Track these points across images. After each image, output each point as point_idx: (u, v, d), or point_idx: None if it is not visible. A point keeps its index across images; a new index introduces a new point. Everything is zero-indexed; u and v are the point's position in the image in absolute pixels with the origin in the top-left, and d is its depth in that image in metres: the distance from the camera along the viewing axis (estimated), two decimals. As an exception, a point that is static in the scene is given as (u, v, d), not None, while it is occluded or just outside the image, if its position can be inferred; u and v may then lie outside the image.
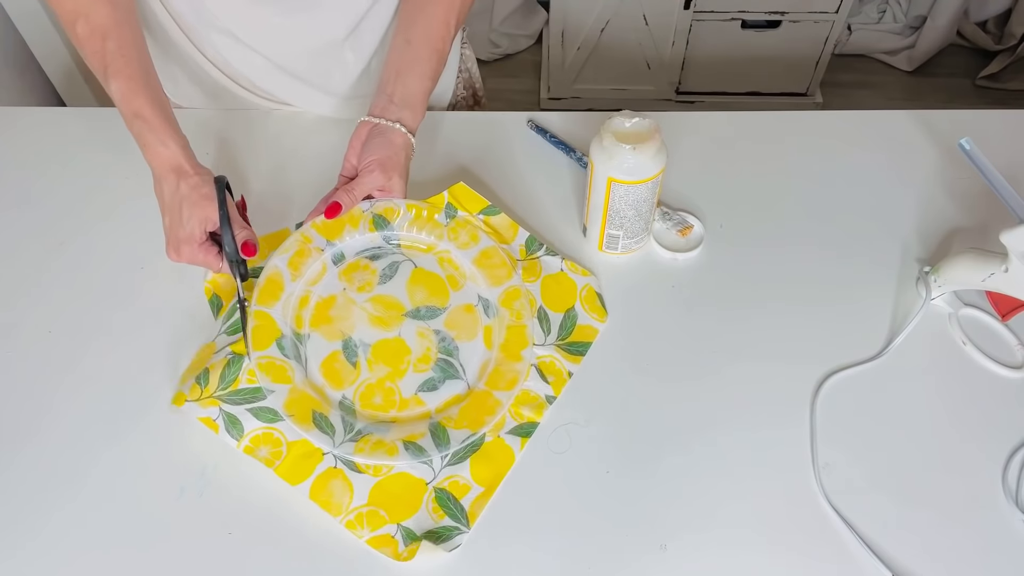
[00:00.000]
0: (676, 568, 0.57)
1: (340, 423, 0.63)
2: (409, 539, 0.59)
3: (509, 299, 0.69)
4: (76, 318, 0.71)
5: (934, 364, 0.68)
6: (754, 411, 0.65)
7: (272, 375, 0.64)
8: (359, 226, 0.73)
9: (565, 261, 0.73)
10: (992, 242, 0.65)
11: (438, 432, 0.62)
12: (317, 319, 0.69)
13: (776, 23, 1.91)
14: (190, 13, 0.79)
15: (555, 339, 0.69)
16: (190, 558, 0.57)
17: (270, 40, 0.80)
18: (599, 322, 0.70)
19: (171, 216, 0.66)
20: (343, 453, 0.61)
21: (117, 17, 0.68)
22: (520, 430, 0.64)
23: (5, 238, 0.77)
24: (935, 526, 0.59)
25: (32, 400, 0.66)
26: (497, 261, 0.71)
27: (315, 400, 0.64)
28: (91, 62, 0.68)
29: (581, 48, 1.98)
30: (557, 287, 0.72)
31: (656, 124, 0.68)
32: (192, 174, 0.66)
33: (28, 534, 0.58)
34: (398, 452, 0.61)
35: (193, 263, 0.68)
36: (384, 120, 0.73)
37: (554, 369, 0.67)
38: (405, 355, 0.67)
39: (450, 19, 0.76)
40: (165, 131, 0.66)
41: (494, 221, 0.76)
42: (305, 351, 0.67)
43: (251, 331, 0.65)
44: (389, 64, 0.76)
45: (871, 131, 0.88)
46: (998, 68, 2.18)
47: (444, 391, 0.65)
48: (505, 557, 0.58)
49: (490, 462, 0.62)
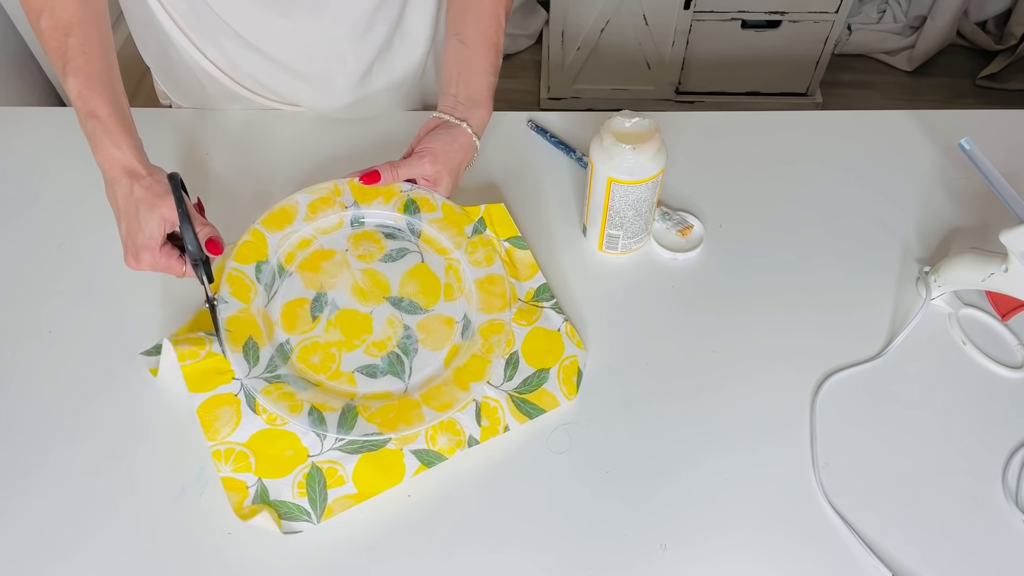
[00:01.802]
0: (676, 568, 0.57)
1: (266, 360, 0.63)
2: (260, 498, 0.59)
3: (490, 330, 0.66)
4: (76, 318, 0.71)
5: (934, 364, 0.68)
6: (754, 411, 0.65)
7: (235, 288, 0.65)
8: (391, 202, 0.73)
9: (567, 324, 0.69)
10: (992, 242, 0.65)
11: (348, 414, 0.61)
12: (307, 263, 0.70)
13: (776, 23, 1.90)
14: (193, 14, 0.79)
15: (512, 387, 0.65)
16: (190, 558, 0.57)
17: (273, 41, 0.81)
18: (565, 398, 0.65)
19: (127, 221, 0.63)
20: (251, 386, 0.61)
21: (84, 14, 0.65)
22: (424, 456, 0.61)
23: (5, 238, 0.77)
24: (935, 526, 0.59)
25: (31, 400, 0.66)
26: (498, 290, 0.69)
27: (258, 329, 0.65)
28: (51, 57, 0.65)
29: (581, 48, 1.98)
30: (544, 343, 0.68)
31: (656, 124, 0.68)
32: (145, 175, 0.64)
33: (27, 534, 0.58)
34: (300, 412, 0.60)
35: (155, 269, 0.64)
36: (452, 117, 0.74)
37: (493, 416, 0.64)
38: (365, 334, 0.67)
39: (499, 12, 0.76)
40: (119, 132, 0.64)
41: (517, 254, 0.74)
42: (279, 285, 0.68)
43: (226, 277, 0.66)
44: (448, 66, 0.77)
45: (871, 131, 0.88)
46: (998, 68, 2.18)
47: (380, 383, 0.64)
48: (505, 557, 0.58)
49: (378, 470, 0.61)
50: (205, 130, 0.87)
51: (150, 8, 0.79)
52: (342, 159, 0.84)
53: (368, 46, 0.83)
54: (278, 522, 0.58)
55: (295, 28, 0.79)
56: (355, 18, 0.80)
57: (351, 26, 0.80)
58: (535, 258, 0.74)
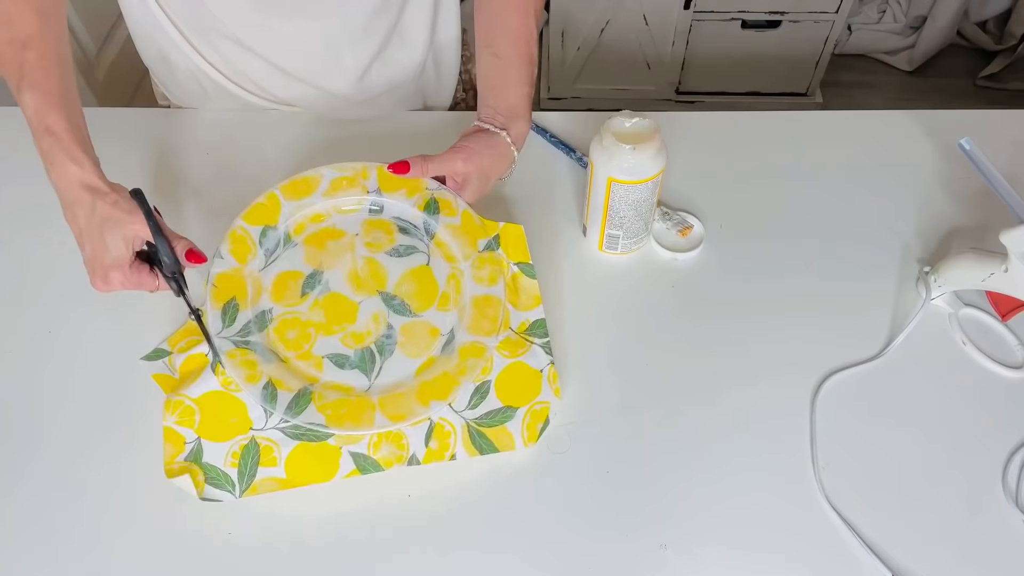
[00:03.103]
0: (676, 568, 0.57)
1: (242, 324, 0.64)
2: (193, 457, 0.59)
3: (469, 352, 0.63)
4: (76, 318, 0.71)
5: (934, 364, 0.68)
6: (754, 411, 0.65)
7: (235, 246, 0.66)
8: (414, 197, 0.72)
9: (551, 367, 0.66)
10: (992, 242, 0.65)
11: (302, 398, 0.60)
12: (313, 238, 0.70)
13: (776, 23, 1.90)
14: (191, 16, 0.79)
15: (473, 417, 0.63)
16: (190, 558, 0.57)
17: (272, 43, 0.81)
18: (523, 443, 0.62)
19: (91, 243, 0.60)
20: (219, 344, 0.61)
21: (43, 28, 0.63)
22: (361, 461, 0.60)
23: (5, 238, 0.77)
24: (935, 526, 0.59)
25: (31, 400, 0.66)
26: (491, 313, 0.66)
27: (244, 292, 0.65)
28: (5, 71, 0.63)
29: (581, 48, 1.98)
30: (522, 380, 0.65)
31: (656, 124, 0.67)
32: (108, 191, 0.61)
33: (27, 535, 0.58)
34: (256, 383, 0.60)
35: (126, 288, 0.62)
36: (492, 126, 0.73)
37: (444, 440, 0.62)
38: (347, 322, 0.65)
39: (531, 23, 0.76)
40: (78, 149, 0.61)
41: (524, 281, 0.71)
42: (280, 253, 0.68)
43: (230, 234, 0.67)
44: (484, 80, 0.76)
45: (871, 131, 0.88)
46: (998, 68, 2.18)
47: (345, 375, 0.63)
48: (505, 557, 0.58)
49: (312, 461, 0.60)
50: (204, 130, 0.87)
51: (149, 10, 0.79)
52: (343, 159, 0.83)
53: (367, 47, 0.83)
54: (200, 487, 0.59)
55: (294, 30, 0.79)
56: (354, 19, 0.80)
57: (350, 27, 0.80)
58: (539, 288, 0.71)
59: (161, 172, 0.83)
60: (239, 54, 0.82)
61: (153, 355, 0.67)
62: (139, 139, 0.86)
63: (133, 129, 0.87)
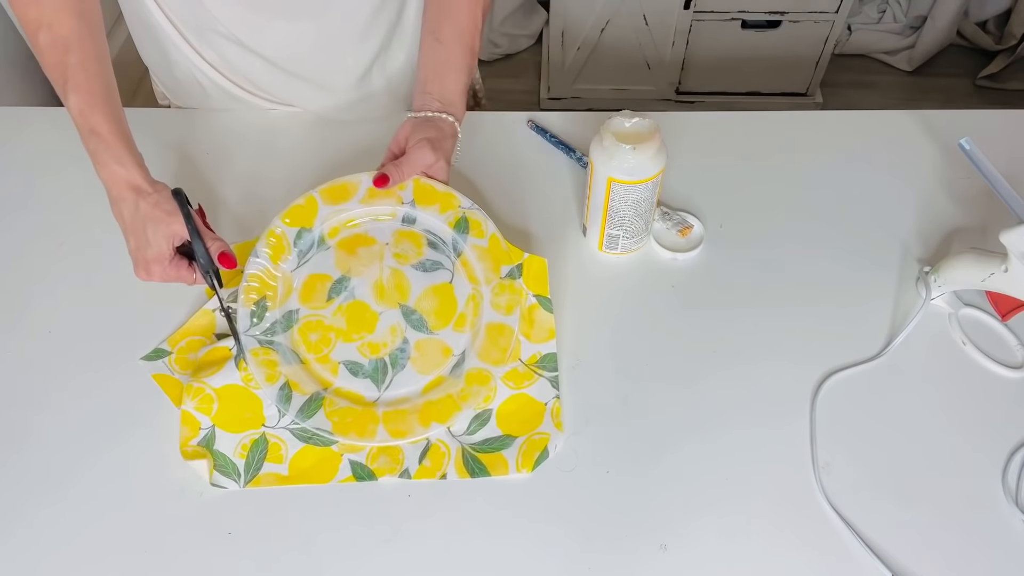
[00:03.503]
0: (676, 568, 0.57)
1: (269, 323, 0.66)
2: (206, 443, 0.61)
3: (475, 378, 0.64)
4: (76, 318, 0.71)
5: (934, 364, 0.68)
6: (754, 411, 0.65)
7: (272, 249, 0.68)
8: (446, 213, 0.72)
9: (556, 402, 0.65)
10: (992, 242, 0.65)
11: (314, 402, 0.62)
12: (346, 243, 0.71)
13: (776, 23, 1.90)
14: (191, 17, 0.79)
15: (470, 442, 0.63)
16: (190, 558, 0.57)
17: (272, 44, 0.81)
18: (516, 469, 0.61)
19: (135, 238, 0.64)
20: (246, 342, 0.64)
21: (82, 30, 0.65)
22: (359, 470, 0.62)
23: (5, 238, 0.77)
24: (935, 526, 0.59)
25: (32, 400, 0.66)
26: (502, 343, 0.66)
27: (272, 289, 0.67)
28: (50, 73, 0.66)
29: (581, 48, 1.98)
30: (525, 411, 0.65)
31: (656, 124, 0.68)
32: (151, 191, 0.64)
33: (27, 534, 0.58)
34: (274, 383, 0.62)
35: (166, 280, 0.66)
36: (429, 112, 0.74)
37: (437, 461, 0.62)
38: (366, 331, 0.67)
39: (476, 14, 0.76)
40: (121, 149, 0.64)
41: (540, 314, 0.69)
42: (313, 254, 0.70)
43: (267, 233, 0.68)
44: (424, 65, 0.76)
45: (871, 131, 0.88)
46: (998, 68, 2.18)
47: (357, 384, 0.64)
48: (505, 557, 0.58)
49: (314, 464, 0.62)
50: (204, 130, 0.87)
51: (149, 10, 0.79)
52: (342, 159, 0.84)
53: (366, 48, 0.83)
54: (211, 473, 0.60)
55: (294, 31, 0.79)
56: (354, 20, 0.80)
57: (350, 28, 0.80)
58: (553, 315, 0.70)
59: (160, 172, 0.83)
60: (239, 54, 0.82)
61: (153, 355, 0.67)
62: (139, 139, 0.85)
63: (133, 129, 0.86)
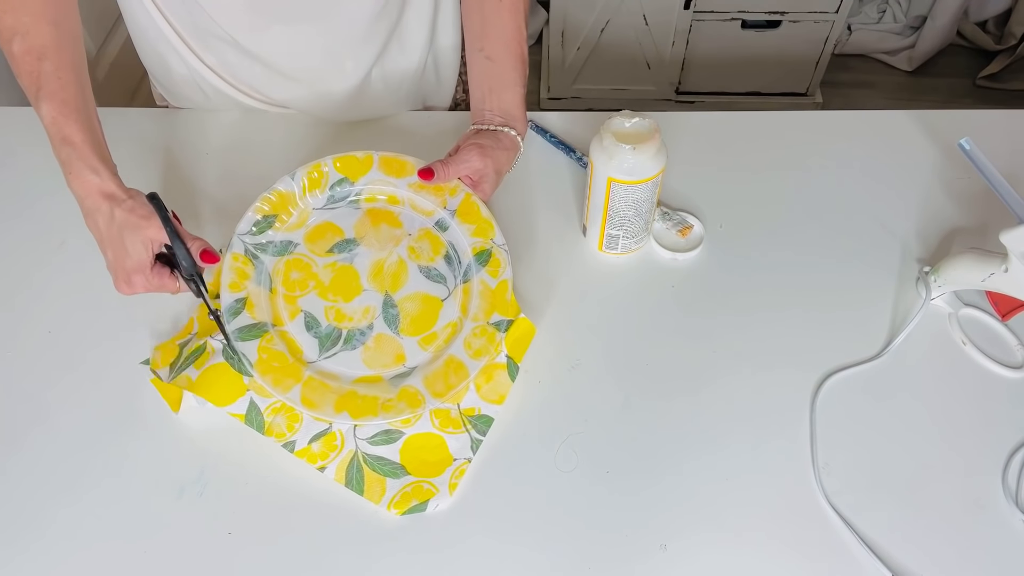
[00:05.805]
0: (676, 568, 0.57)
1: (267, 239, 0.69)
2: (177, 351, 0.65)
3: (408, 398, 0.62)
4: (76, 318, 0.71)
5: (934, 364, 0.68)
6: (754, 411, 0.65)
7: (309, 180, 0.71)
8: (476, 238, 0.72)
9: (464, 464, 0.62)
10: (992, 242, 0.65)
11: (256, 330, 0.64)
12: (377, 213, 0.73)
13: (776, 23, 1.90)
14: (190, 20, 0.79)
15: (366, 452, 0.62)
16: (190, 558, 0.57)
17: (271, 48, 0.80)
18: (388, 506, 0.60)
19: (113, 248, 0.62)
20: (234, 242, 0.67)
21: (58, 38, 0.64)
22: (253, 412, 0.63)
23: (6, 238, 0.77)
24: (935, 526, 0.59)
25: (31, 400, 0.66)
26: (452, 381, 0.63)
27: (288, 214, 0.71)
28: (23, 81, 0.64)
29: (581, 48, 1.97)
30: (430, 455, 0.63)
31: (656, 124, 0.68)
32: (125, 198, 0.62)
33: (28, 535, 0.58)
34: (235, 292, 0.65)
35: (148, 291, 0.63)
36: (491, 127, 0.75)
37: (327, 449, 0.62)
38: (341, 298, 0.68)
39: (520, 23, 0.77)
40: (95, 158, 0.62)
41: (500, 375, 0.67)
42: (343, 207, 0.73)
43: (308, 169, 0.71)
44: (477, 83, 0.78)
45: (871, 131, 0.88)
46: (998, 68, 2.18)
47: (304, 339, 0.65)
48: (505, 556, 0.58)
49: (220, 383, 0.63)
50: (203, 131, 0.87)
51: (148, 13, 0.79)
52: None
53: (367, 51, 0.83)
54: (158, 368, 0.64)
55: (294, 34, 0.79)
56: (354, 24, 0.80)
57: (351, 32, 0.80)
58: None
59: (160, 172, 0.83)
60: (238, 59, 0.81)
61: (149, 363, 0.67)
62: (139, 139, 0.86)
63: (133, 129, 0.87)
